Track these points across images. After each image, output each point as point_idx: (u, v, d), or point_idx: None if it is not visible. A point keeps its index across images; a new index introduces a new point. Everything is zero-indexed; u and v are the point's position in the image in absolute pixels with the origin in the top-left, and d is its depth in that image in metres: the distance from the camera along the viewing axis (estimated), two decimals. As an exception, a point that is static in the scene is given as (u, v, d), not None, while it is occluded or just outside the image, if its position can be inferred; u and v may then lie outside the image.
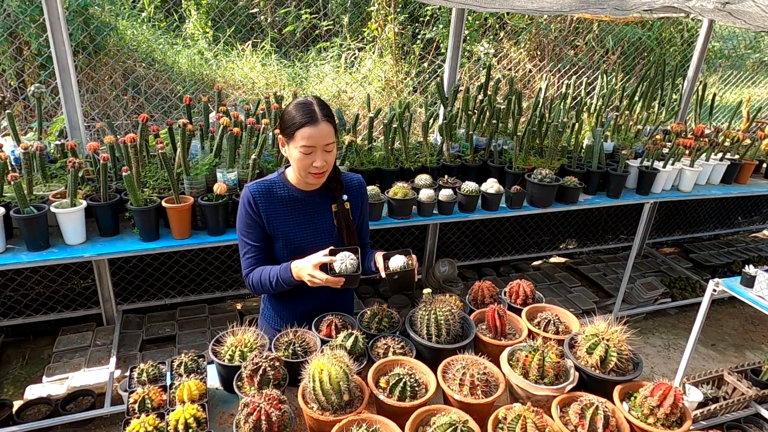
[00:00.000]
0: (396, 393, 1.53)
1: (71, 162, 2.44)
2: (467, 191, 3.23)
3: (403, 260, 1.80)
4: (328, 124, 1.76)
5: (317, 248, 1.83)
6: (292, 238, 1.91)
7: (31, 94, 2.97)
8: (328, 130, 1.76)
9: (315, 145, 1.74)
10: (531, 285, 2.09)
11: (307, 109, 1.74)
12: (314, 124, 1.72)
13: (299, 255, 1.86)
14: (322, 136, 1.74)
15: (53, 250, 2.51)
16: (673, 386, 1.51)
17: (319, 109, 1.75)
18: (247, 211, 1.88)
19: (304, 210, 1.93)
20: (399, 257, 1.81)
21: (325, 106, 1.79)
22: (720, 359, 4.11)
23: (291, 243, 1.92)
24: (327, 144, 1.76)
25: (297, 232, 1.92)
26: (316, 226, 1.94)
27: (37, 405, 2.98)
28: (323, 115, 1.75)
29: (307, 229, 1.93)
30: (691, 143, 3.84)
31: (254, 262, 1.92)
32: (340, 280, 1.73)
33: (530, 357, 1.62)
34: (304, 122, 1.72)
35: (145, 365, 1.59)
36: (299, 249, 1.90)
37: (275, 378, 1.53)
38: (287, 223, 1.91)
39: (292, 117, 1.75)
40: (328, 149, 1.78)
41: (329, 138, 1.76)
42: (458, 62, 3.94)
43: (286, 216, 1.91)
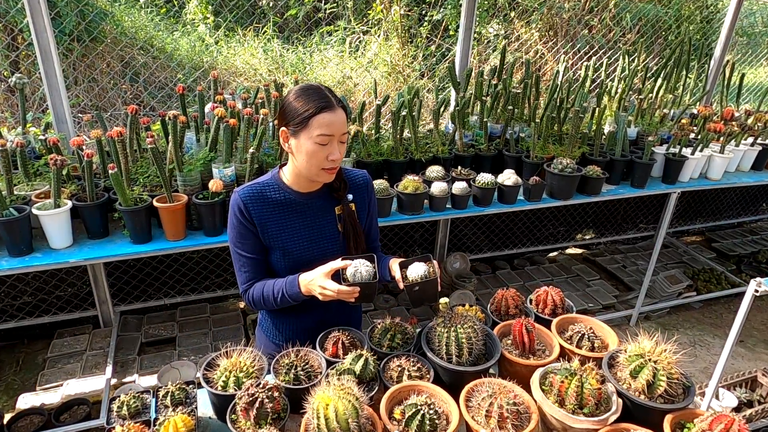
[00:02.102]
0: (413, 427, 1.33)
1: (53, 159, 2.23)
2: (483, 184, 3.00)
3: (423, 269, 1.58)
4: (343, 111, 1.58)
5: (320, 258, 1.63)
6: (291, 247, 1.69)
7: (13, 85, 2.76)
8: (344, 117, 1.57)
9: (333, 134, 1.54)
10: (560, 292, 1.88)
11: (321, 94, 1.54)
12: (332, 110, 1.53)
13: (301, 267, 1.65)
14: (341, 123, 1.55)
15: (37, 255, 2.32)
16: (736, 419, 1.29)
17: (332, 94, 1.57)
18: (239, 219, 1.65)
19: (304, 215, 1.70)
20: (419, 265, 1.59)
21: (335, 93, 1.60)
22: (750, 356, 3.89)
23: (290, 253, 1.69)
24: (343, 133, 1.58)
25: (296, 240, 1.69)
26: (318, 232, 1.72)
27: (30, 416, 2.81)
28: (338, 101, 1.57)
29: (307, 237, 1.71)
30: (721, 128, 3.57)
31: (252, 276, 1.71)
32: (355, 291, 1.51)
33: (566, 383, 1.41)
34: (321, 107, 1.51)
35: (127, 396, 1.40)
36: (300, 260, 1.68)
37: (274, 410, 1.33)
38: (285, 230, 1.68)
39: (303, 104, 1.52)
40: (343, 140, 1.59)
41: (345, 126, 1.58)
42: (470, 44, 3.68)
43: (283, 222, 1.68)
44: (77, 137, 2.43)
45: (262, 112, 2.68)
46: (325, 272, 1.55)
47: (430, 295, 1.58)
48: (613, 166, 3.43)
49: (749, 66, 7.05)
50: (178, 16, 6.01)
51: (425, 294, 1.58)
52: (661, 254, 5.02)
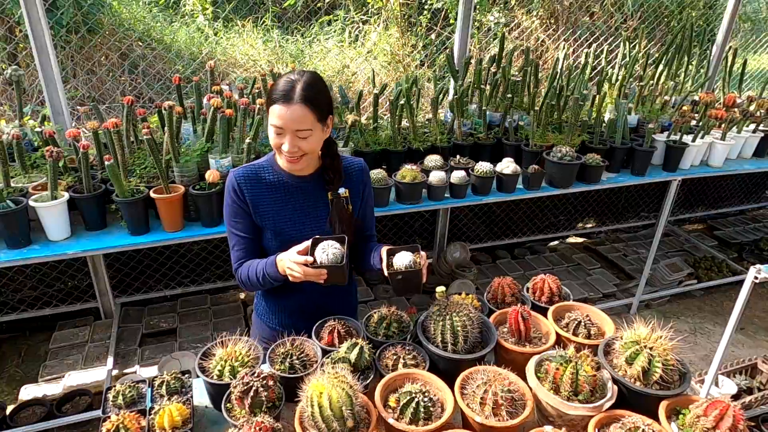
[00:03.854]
0: (407, 414, 1.33)
1: (49, 151, 2.23)
2: (481, 172, 2.99)
3: (409, 258, 1.57)
4: (304, 107, 1.53)
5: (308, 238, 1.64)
6: (282, 228, 1.72)
7: (8, 77, 2.75)
8: (303, 114, 1.53)
9: (284, 127, 1.55)
10: (557, 280, 1.87)
11: (287, 86, 1.54)
12: (287, 104, 1.52)
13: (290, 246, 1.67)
14: (293, 119, 1.53)
15: (35, 247, 2.33)
16: (731, 405, 1.29)
17: (302, 89, 1.53)
18: (233, 198, 1.70)
19: (296, 197, 1.73)
20: (405, 254, 1.59)
21: (312, 88, 1.56)
22: (750, 344, 3.89)
23: (280, 233, 1.72)
24: (299, 129, 1.55)
25: (287, 221, 1.72)
26: (308, 215, 1.74)
27: (32, 406, 2.84)
28: (303, 97, 1.53)
29: (297, 219, 1.73)
30: (723, 114, 3.54)
31: (243, 255, 1.74)
32: (321, 272, 1.51)
33: (561, 369, 1.41)
34: (276, 99, 1.54)
35: (122, 386, 1.41)
36: (289, 240, 1.69)
37: (269, 399, 1.34)
38: (276, 211, 1.71)
39: (274, 89, 1.57)
40: (301, 135, 1.57)
41: (302, 124, 1.54)
42: (469, 32, 3.64)
43: (275, 203, 1.71)
44: (73, 129, 2.42)
45: (258, 102, 2.67)
46: (295, 252, 1.56)
47: (413, 285, 1.57)
48: (613, 154, 3.40)
49: (753, 52, 6.96)
50: (176, 7, 5.96)
51: (409, 284, 1.57)
52: (663, 242, 5.01)
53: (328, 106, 1.63)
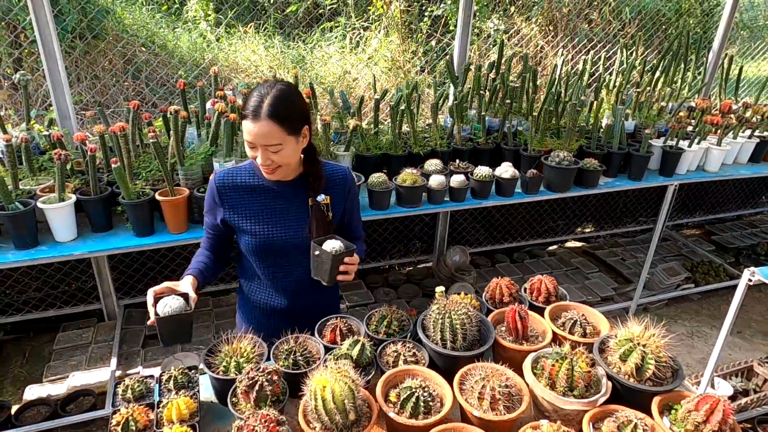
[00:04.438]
0: (408, 408, 1.37)
1: (57, 154, 2.28)
2: (480, 176, 3.04)
3: (177, 303, 1.49)
4: (272, 122, 1.54)
5: (287, 243, 1.74)
6: (259, 231, 1.76)
7: (17, 82, 2.80)
8: (271, 129, 1.54)
9: (254, 142, 1.58)
10: (554, 281, 1.92)
11: (256, 102, 1.55)
12: (255, 121, 1.54)
13: (269, 250, 1.76)
14: (262, 135, 1.55)
15: (42, 248, 2.37)
16: (721, 399, 1.33)
17: (270, 103, 1.53)
18: (211, 198, 1.79)
19: (276, 202, 1.77)
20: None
21: (281, 102, 1.55)
22: (747, 347, 3.93)
23: (256, 236, 1.76)
24: (269, 145, 1.58)
25: (265, 225, 1.76)
26: (288, 220, 1.78)
27: (37, 406, 2.87)
28: (270, 113, 1.53)
29: (276, 223, 1.77)
30: (719, 120, 3.59)
31: (204, 243, 1.90)
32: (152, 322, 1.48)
33: (557, 366, 1.45)
34: (245, 115, 1.57)
35: (131, 381, 1.45)
36: (267, 243, 1.76)
37: (273, 393, 1.38)
38: (255, 215, 1.76)
39: (245, 102, 1.59)
40: (272, 149, 1.59)
41: (271, 139, 1.56)
42: (468, 38, 3.70)
43: (255, 207, 1.76)
44: (80, 132, 2.47)
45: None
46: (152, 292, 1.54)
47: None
48: (610, 159, 3.46)
49: (751, 59, 7.03)
50: (179, 14, 6.04)
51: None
52: (661, 247, 5.06)
53: (301, 117, 1.63)
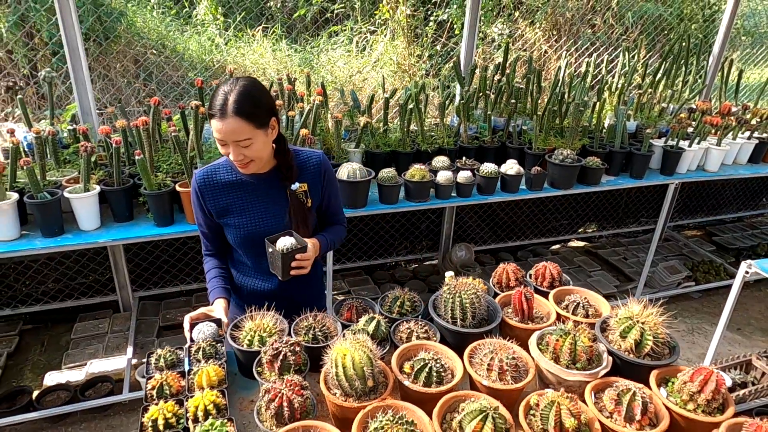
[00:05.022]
0: (421, 378, 1.47)
1: (83, 146, 2.39)
2: (486, 173, 3.14)
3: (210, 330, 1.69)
4: (239, 119, 1.57)
5: (270, 233, 1.80)
6: (241, 223, 1.83)
7: (42, 79, 2.93)
8: (238, 125, 1.58)
9: (224, 139, 1.62)
10: (557, 267, 2.01)
11: (221, 99, 1.58)
12: (222, 119, 1.58)
13: (252, 241, 1.84)
14: (231, 132, 1.59)
15: (68, 236, 2.48)
16: (714, 371, 1.43)
17: (235, 100, 1.57)
18: (196, 197, 1.84)
19: (254, 194, 1.83)
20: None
21: (245, 99, 1.59)
22: (746, 344, 4.00)
23: (239, 228, 1.84)
24: (238, 140, 1.61)
25: (246, 217, 1.83)
26: (267, 210, 1.84)
27: (56, 391, 2.98)
28: (236, 110, 1.57)
29: (256, 215, 1.84)
30: (718, 121, 3.69)
31: (205, 246, 1.97)
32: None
33: (561, 341, 1.55)
34: (212, 114, 1.60)
35: (163, 351, 1.55)
36: (249, 235, 1.84)
37: (296, 363, 1.48)
38: (236, 208, 1.83)
39: (210, 102, 1.62)
40: (242, 144, 1.63)
41: (241, 135, 1.60)
42: (475, 40, 3.82)
43: (235, 201, 1.82)
44: (105, 126, 2.59)
45: (277, 104, 2.83)
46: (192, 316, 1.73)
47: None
48: (612, 158, 3.56)
49: (754, 66, 7.12)
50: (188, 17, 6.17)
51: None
52: (662, 247, 5.14)
53: (267, 110, 1.66)
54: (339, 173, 2.84)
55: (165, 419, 1.30)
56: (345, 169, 2.83)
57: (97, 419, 2.97)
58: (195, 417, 1.32)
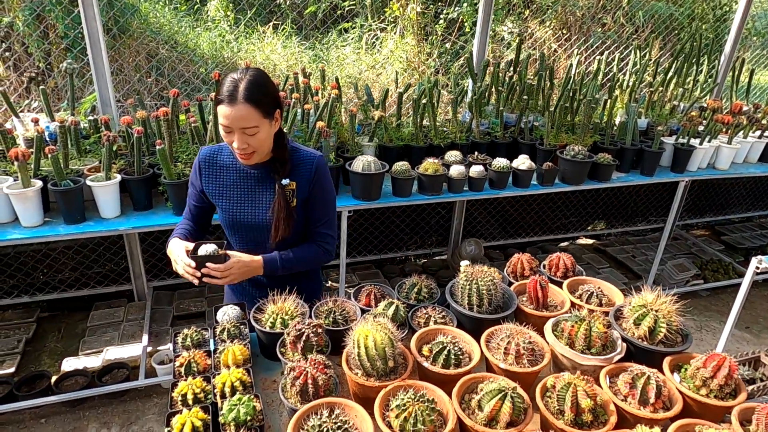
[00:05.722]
0: (440, 361, 1.51)
1: (106, 135, 2.45)
2: (498, 167, 3.17)
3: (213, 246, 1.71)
4: (248, 106, 1.61)
5: (253, 223, 1.85)
6: (228, 208, 1.88)
7: (64, 70, 2.98)
8: (248, 112, 1.61)
9: (231, 126, 1.64)
10: (571, 258, 2.05)
11: (231, 86, 1.61)
12: (231, 105, 1.60)
13: (237, 226, 1.89)
14: (239, 118, 1.61)
15: (89, 224, 2.54)
16: (727, 357, 1.46)
17: (245, 87, 1.61)
18: (195, 171, 1.91)
19: (246, 182, 1.87)
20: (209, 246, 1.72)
21: (255, 86, 1.63)
22: (755, 342, 4.02)
23: (228, 212, 1.89)
24: (246, 128, 1.64)
25: (233, 202, 1.88)
26: (253, 200, 1.87)
27: (74, 376, 3.04)
28: (246, 96, 1.60)
29: (244, 202, 1.88)
30: (729, 120, 3.71)
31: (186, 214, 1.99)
32: (196, 273, 1.67)
33: (576, 327, 1.58)
34: (221, 99, 1.62)
35: (189, 330, 1.60)
36: (234, 220, 1.89)
37: (318, 344, 1.52)
38: (226, 191, 1.88)
39: (219, 88, 1.65)
40: (248, 132, 1.65)
41: (248, 122, 1.63)
42: (487, 37, 3.85)
43: (227, 184, 1.88)
44: (126, 117, 2.64)
45: (293, 97, 2.88)
46: (183, 249, 1.74)
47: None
48: (623, 155, 3.58)
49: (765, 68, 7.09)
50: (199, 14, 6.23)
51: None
52: (671, 246, 5.15)
53: (274, 101, 1.70)
54: (353, 165, 2.89)
55: (194, 394, 1.35)
56: (359, 162, 2.88)
57: (114, 404, 3.03)
58: (222, 393, 1.37)
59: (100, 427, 2.89)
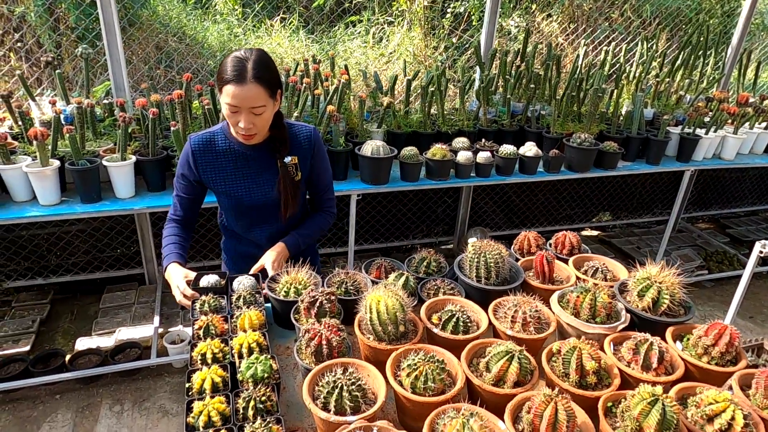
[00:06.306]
0: (449, 328, 1.56)
1: (122, 117, 2.51)
2: (505, 154, 3.21)
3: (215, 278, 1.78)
4: (258, 85, 1.63)
5: (258, 203, 1.88)
6: (233, 192, 1.89)
7: (79, 55, 3.04)
8: (257, 91, 1.63)
9: (239, 106, 1.64)
10: (577, 236, 2.09)
11: (238, 65, 1.61)
12: (240, 84, 1.61)
13: (242, 209, 1.92)
14: (248, 97, 1.63)
15: (105, 203, 2.60)
16: (728, 326, 1.50)
17: (253, 67, 1.62)
18: (186, 161, 1.88)
19: (246, 165, 1.88)
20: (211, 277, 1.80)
21: (263, 66, 1.65)
22: (758, 331, 4.04)
23: (230, 197, 1.90)
24: (254, 107, 1.66)
25: (237, 187, 1.89)
26: (257, 181, 1.89)
27: (88, 355, 3.11)
28: (255, 75, 1.62)
29: (246, 185, 1.89)
30: (735, 110, 3.73)
31: (173, 212, 1.98)
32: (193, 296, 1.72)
33: (581, 298, 1.63)
34: (230, 79, 1.61)
35: (207, 297, 1.65)
36: (240, 203, 1.91)
37: (331, 311, 1.57)
38: (227, 177, 1.88)
39: (224, 69, 1.64)
40: (256, 112, 1.67)
41: (257, 101, 1.65)
42: (495, 27, 3.88)
43: (226, 170, 1.87)
44: (141, 99, 2.70)
45: (305, 82, 2.93)
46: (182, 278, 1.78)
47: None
48: (629, 143, 3.61)
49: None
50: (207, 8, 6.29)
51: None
52: (676, 237, 5.18)
53: (278, 81, 1.72)
54: (363, 150, 2.94)
55: (213, 353, 1.41)
56: (369, 146, 2.93)
57: (126, 382, 3.10)
58: (240, 353, 1.42)
59: (113, 404, 2.95)
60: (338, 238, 4.28)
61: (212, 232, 3.90)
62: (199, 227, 3.85)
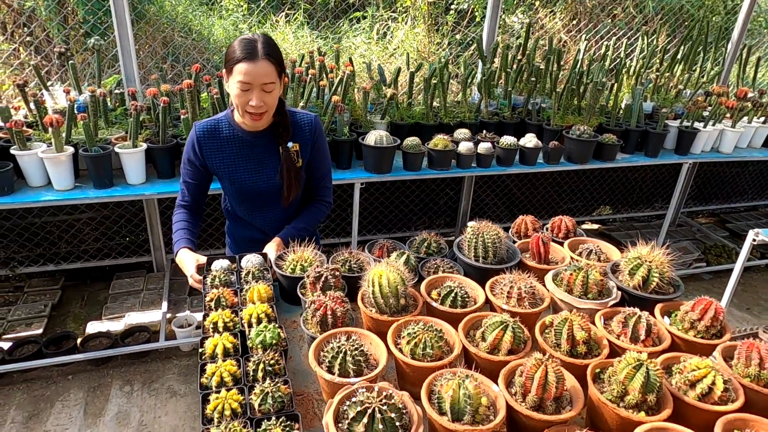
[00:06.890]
0: (447, 302, 1.64)
1: (134, 105, 2.60)
2: (506, 145, 3.29)
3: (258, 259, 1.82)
4: (269, 63, 1.70)
5: (262, 189, 1.94)
6: (236, 178, 1.96)
7: (91, 47, 3.13)
8: (269, 69, 1.70)
9: (251, 83, 1.70)
10: (572, 220, 2.16)
11: (249, 45, 1.68)
12: (253, 61, 1.67)
13: (245, 195, 1.98)
14: (260, 74, 1.69)
15: (117, 188, 2.69)
16: (714, 301, 1.57)
17: (263, 46, 1.70)
18: (191, 148, 1.94)
19: (249, 151, 1.93)
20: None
21: (272, 45, 1.73)
22: (755, 322, 4.11)
23: (234, 182, 1.97)
24: (265, 84, 1.71)
25: (241, 173, 1.95)
26: (260, 168, 1.96)
27: (98, 338, 3.20)
28: (266, 52, 1.69)
29: (250, 171, 1.95)
30: (734, 104, 3.79)
31: (182, 198, 2.04)
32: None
33: (574, 275, 1.70)
34: (242, 57, 1.67)
35: (217, 272, 1.74)
36: (243, 189, 1.98)
37: (335, 286, 1.65)
38: (231, 163, 1.94)
39: (233, 50, 1.71)
40: (266, 89, 1.73)
41: (268, 78, 1.71)
42: (497, 22, 3.95)
43: (230, 156, 1.93)
44: (152, 88, 2.78)
45: (310, 73, 3.01)
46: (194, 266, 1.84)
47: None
48: (628, 136, 3.68)
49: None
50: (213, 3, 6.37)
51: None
52: (675, 231, 5.24)
53: (283, 63, 1.80)
54: (366, 139, 3.02)
55: (224, 322, 1.49)
56: (372, 136, 3.00)
57: (136, 364, 3.19)
58: (249, 323, 1.50)
59: (123, 384, 3.05)
60: (342, 229, 4.36)
61: (219, 221, 3.98)
62: (205, 216, 3.95)
